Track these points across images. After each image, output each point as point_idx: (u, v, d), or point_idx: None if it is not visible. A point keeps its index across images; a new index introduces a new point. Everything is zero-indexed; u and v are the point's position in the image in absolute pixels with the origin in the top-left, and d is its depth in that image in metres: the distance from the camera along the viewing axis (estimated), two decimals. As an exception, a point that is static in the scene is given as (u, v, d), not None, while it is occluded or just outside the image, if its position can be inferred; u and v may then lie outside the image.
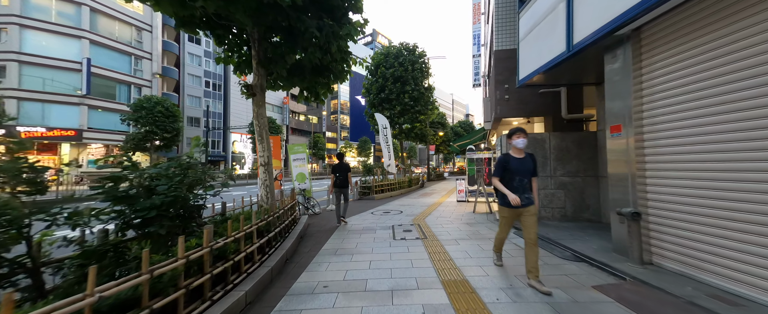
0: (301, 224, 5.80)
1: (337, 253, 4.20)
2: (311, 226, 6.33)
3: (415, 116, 16.72)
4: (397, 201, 10.51)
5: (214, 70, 34.61)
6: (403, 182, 14.39)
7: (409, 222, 6.48)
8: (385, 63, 16.37)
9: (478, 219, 6.60)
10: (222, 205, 4.47)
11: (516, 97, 6.89)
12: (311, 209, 7.81)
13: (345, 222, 6.41)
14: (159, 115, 21.52)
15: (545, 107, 6.71)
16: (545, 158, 5.83)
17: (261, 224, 3.79)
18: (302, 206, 7.70)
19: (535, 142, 5.90)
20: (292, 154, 8.22)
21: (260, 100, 5.83)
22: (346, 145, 52.99)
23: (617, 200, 3.52)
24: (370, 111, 17.59)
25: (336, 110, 60.96)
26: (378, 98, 16.51)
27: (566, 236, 4.57)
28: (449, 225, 6.01)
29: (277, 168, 6.66)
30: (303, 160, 8.31)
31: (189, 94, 31.67)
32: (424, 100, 16.93)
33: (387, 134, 13.40)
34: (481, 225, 5.83)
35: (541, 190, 5.81)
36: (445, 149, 32.34)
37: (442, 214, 7.39)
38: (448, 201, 10.38)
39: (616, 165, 3.56)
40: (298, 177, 8.20)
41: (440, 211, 7.93)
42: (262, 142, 5.84)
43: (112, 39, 24.02)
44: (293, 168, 8.19)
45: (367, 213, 8.00)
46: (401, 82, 16.08)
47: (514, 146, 3.03)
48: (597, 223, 5.44)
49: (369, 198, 11.49)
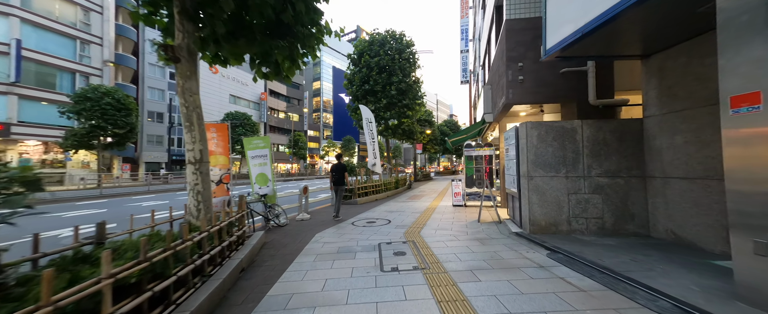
0: (249, 246, 4.09)
1: (290, 307, 2.57)
2: (269, 246, 4.62)
3: (403, 111, 15.24)
4: (384, 206, 8.96)
5: (181, 60, 31.38)
6: (389, 183, 12.87)
7: (401, 237, 4.95)
8: (370, 51, 14.77)
9: (488, 231, 5.18)
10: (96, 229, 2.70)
11: (532, 79, 5.55)
12: (273, 220, 6.08)
13: (336, 217, 6.89)
14: (108, 108, 18.64)
15: (568, 91, 5.42)
16: (576, 153, 4.50)
17: (155, 259, 2.10)
18: (263, 217, 5.96)
19: (564, 133, 4.56)
20: (250, 148, 6.45)
21: (187, 69, 4.07)
22: (329, 143, 50.79)
23: (748, 215, 2.15)
24: (352, 104, 15.92)
25: (318, 108, 58.48)
26: (362, 90, 14.87)
27: (628, 263, 3.21)
28: (454, 242, 4.53)
29: (222, 166, 4.89)
30: (265, 158, 6.56)
31: (150, 87, 28.41)
32: (412, 93, 15.49)
33: (372, 129, 11.81)
34: (497, 243, 4.40)
35: (572, 195, 4.47)
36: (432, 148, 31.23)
37: (440, 225, 5.92)
38: (443, 205, 8.96)
39: (744, 160, 2.19)
40: (258, 179, 6.44)
41: (437, 220, 6.46)
42: (192, 129, 4.09)
43: (51, 19, 20.67)
44: (252, 167, 6.42)
45: (347, 223, 6.38)
46: (387, 72, 14.54)
47: None
48: (646, 238, 4.17)
49: (351, 202, 9.85)
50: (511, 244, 4.27)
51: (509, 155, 5.72)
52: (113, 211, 9.15)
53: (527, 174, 4.64)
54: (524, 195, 4.70)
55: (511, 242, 4.40)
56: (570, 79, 5.37)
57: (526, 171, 4.65)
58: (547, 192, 4.55)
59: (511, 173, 5.57)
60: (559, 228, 4.49)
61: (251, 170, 6.45)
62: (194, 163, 4.07)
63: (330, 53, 61.53)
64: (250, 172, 6.44)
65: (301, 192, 7.84)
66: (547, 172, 4.56)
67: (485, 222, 6.02)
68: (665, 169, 3.96)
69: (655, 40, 3.81)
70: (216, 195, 4.80)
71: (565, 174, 4.51)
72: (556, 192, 4.52)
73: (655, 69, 4.11)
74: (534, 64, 5.53)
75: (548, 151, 4.59)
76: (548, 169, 4.56)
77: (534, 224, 4.55)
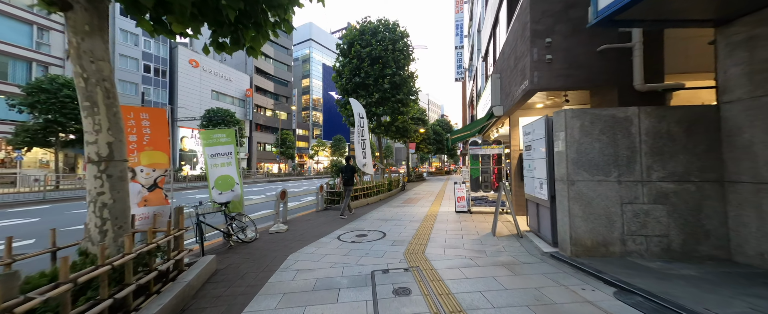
0: (183, 283, 2.80)
1: None
2: (221, 277, 3.33)
3: (396, 106, 14.06)
4: (376, 213, 7.75)
5: (157, 52, 29.23)
6: (381, 185, 11.67)
7: (401, 261, 3.75)
8: (360, 40, 13.52)
9: (511, 250, 4.06)
10: None
11: (562, 59, 4.46)
12: (235, 235, 4.77)
13: (343, 215, 7.08)
14: (67, 100, 16.63)
15: (607, 73, 4.37)
16: (632, 150, 3.43)
17: None
18: (223, 233, 4.63)
19: (615, 124, 3.48)
20: (208, 145, 5.10)
21: (85, 21, 2.75)
22: (319, 143, 49.11)
23: None
24: (342, 99, 14.62)
25: (308, 106, 56.63)
26: (352, 83, 13.60)
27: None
28: (473, 269, 3.37)
29: (159, 166, 3.56)
30: (229, 156, 5.23)
31: (121, 79, 26.16)
32: (406, 87, 14.33)
33: (363, 125, 10.58)
34: (532, 271, 3.27)
35: (626, 205, 3.39)
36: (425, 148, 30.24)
37: (448, 240, 4.75)
38: (444, 212, 7.83)
39: None
40: (218, 183, 5.10)
41: (442, 233, 5.30)
42: (95, 113, 2.79)
43: (2, 1, 18.41)
44: (210, 168, 5.08)
45: (332, 236, 5.14)
46: (380, 63, 13.32)
47: None
48: (729, 264, 3.13)
49: (338, 208, 8.58)
50: (554, 274, 3.14)
51: (532, 153, 4.62)
52: (48, 221, 7.56)
53: (566, 178, 3.53)
54: (562, 204, 3.60)
55: (550, 270, 3.27)
56: (610, 58, 4.31)
57: (566, 173, 3.54)
58: (593, 201, 3.46)
59: (536, 175, 4.47)
60: (609, 248, 3.40)
61: (209, 172, 5.11)
62: (97, 163, 2.76)
63: (320, 50, 59.81)
64: (208, 174, 5.10)
65: (277, 198, 6.54)
66: (594, 175, 3.47)
67: (502, 236, 4.90)
68: (759, 172, 2.93)
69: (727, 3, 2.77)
70: (148, 203, 3.47)
71: (616, 178, 3.43)
72: (606, 201, 3.43)
73: (741, 38, 3.08)
74: (565, 40, 4.46)
75: (595, 148, 3.50)
76: (595, 171, 3.47)
77: (577, 243, 3.45)
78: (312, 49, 58.22)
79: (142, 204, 3.43)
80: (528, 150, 4.90)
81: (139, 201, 3.43)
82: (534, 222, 4.80)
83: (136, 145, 3.39)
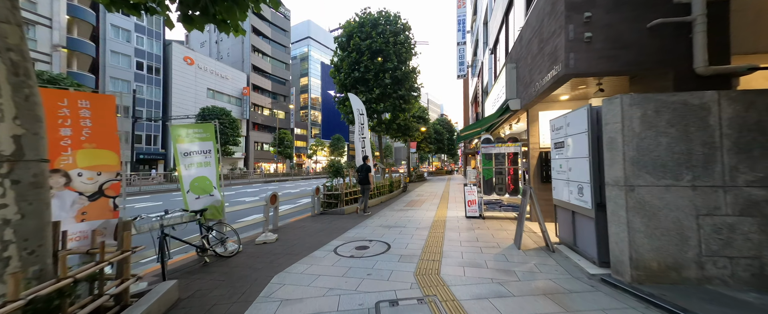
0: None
1: None
2: (187, 307, 2.55)
3: (398, 103, 13.29)
4: (378, 218, 6.98)
5: (150, 49, 28.36)
6: (382, 186, 10.91)
7: (412, 286, 2.99)
8: (360, 33, 12.73)
9: (548, 271, 3.30)
10: None
11: (605, 38, 3.70)
12: (212, 249, 4.00)
13: (361, 212, 7.45)
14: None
15: (661, 54, 3.61)
16: (710, 147, 2.68)
17: None
18: (195, 247, 3.86)
19: (687, 113, 2.72)
20: (180, 142, 4.32)
21: None
22: (318, 142, 48.31)
23: None
24: (340, 96, 13.84)
25: (306, 105, 55.81)
26: (351, 78, 12.81)
27: None
28: (506, 301, 2.61)
29: (107, 168, 2.79)
30: (206, 155, 4.45)
31: (112, 77, 25.30)
32: (408, 83, 13.56)
33: (363, 122, 9.82)
34: (584, 303, 2.51)
35: (704, 217, 2.64)
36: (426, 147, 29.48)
37: (465, 255, 3.99)
38: (454, 217, 7.07)
39: None
40: (194, 187, 4.32)
41: (456, 244, 4.53)
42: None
43: (-17, -8, 17.52)
44: (183, 169, 4.30)
45: (328, 249, 4.36)
46: (381, 57, 12.54)
47: None
48: None
49: (336, 212, 7.82)
50: (618, 311, 2.38)
51: (566, 151, 3.87)
52: None
53: (624, 182, 2.77)
54: (617, 215, 2.84)
55: (610, 303, 2.50)
56: (663, 36, 3.56)
57: (622, 176, 2.78)
58: (659, 212, 2.70)
59: (572, 178, 3.71)
60: (682, 273, 2.65)
61: (182, 174, 4.32)
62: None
63: (318, 48, 59.00)
64: (181, 176, 4.31)
65: (267, 203, 5.78)
66: (659, 179, 2.72)
67: (529, 250, 4.14)
68: None
69: None
70: (87, 217, 2.70)
71: (690, 183, 2.68)
72: (676, 212, 2.68)
73: None
74: (607, 15, 3.69)
75: (661, 144, 2.74)
76: (661, 174, 2.72)
77: (639, 266, 2.70)
78: (310, 48, 57.39)
79: (80, 219, 2.66)
80: (558, 148, 4.15)
81: (75, 215, 2.65)
82: (566, 233, 4.04)
83: (71, 140, 2.61)
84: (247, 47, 39.94)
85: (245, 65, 40.11)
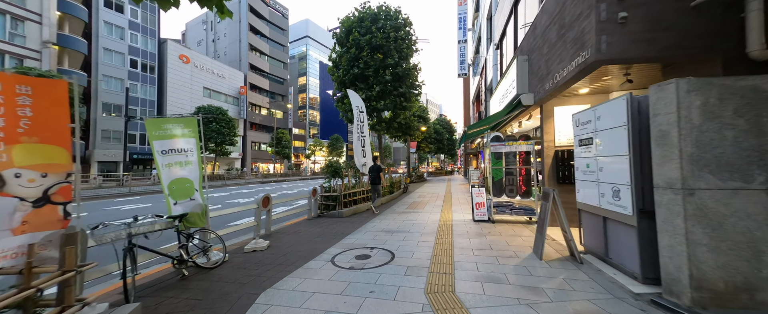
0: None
1: None
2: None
3: (398, 101, 12.80)
4: (379, 221, 6.49)
5: (145, 46, 27.76)
6: (383, 188, 10.41)
7: (423, 308, 2.50)
8: (359, 27, 12.24)
9: (583, 288, 2.81)
10: None
11: (641, 17, 3.23)
12: (191, 261, 3.49)
13: (374, 212, 7.62)
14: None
15: (708, 37, 3.14)
16: (787, 142, 2.20)
17: None
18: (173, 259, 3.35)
19: (757, 100, 2.26)
20: (158, 137, 3.81)
21: None
22: (316, 142, 47.75)
23: None
24: (339, 93, 13.34)
25: (304, 105, 55.25)
26: (350, 74, 12.31)
27: None
28: (543, 328, 2.13)
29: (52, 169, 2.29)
30: (187, 154, 3.95)
31: (105, 75, 24.68)
32: (409, 80, 13.08)
33: (363, 120, 9.34)
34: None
35: (781, 227, 2.16)
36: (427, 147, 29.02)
37: (481, 266, 3.50)
38: (460, 220, 6.59)
39: None
40: (174, 190, 3.81)
41: (467, 253, 4.04)
42: None
43: (-31, -14, 16.95)
44: (162, 168, 3.79)
45: (325, 258, 3.86)
46: (381, 53, 12.06)
47: None
48: None
49: (335, 214, 7.33)
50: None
51: (597, 148, 3.40)
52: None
53: (681, 184, 2.30)
54: (671, 224, 2.36)
55: (671, 333, 2.03)
56: (710, 16, 3.10)
57: (679, 177, 2.31)
58: (726, 220, 2.23)
59: (604, 180, 3.24)
60: (756, 296, 2.18)
61: (161, 173, 3.81)
62: None
63: (317, 48, 58.49)
64: (161, 176, 3.80)
65: (258, 206, 5.28)
66: (725, 180, 2.25)
67: (552, 260, 3.66)
68: None
69: None
70: (29, 228, 2.19)
71: (764, 185, 2.21)
72: (747, 221, 2.21)
73: None
74: (645, -8, 3.22)
75: (726, 138, 2.27)
76: (728, 174, 2.25)
77: (701, 286, 2.22)
78: (309, 47, 56.87)
79: (20, 231, 2.15)
80: (585, 144, 3.67)
81: (15, 226, 2.15)
82: (595, 242, 3.56)
83: (4, 134, 2.11)
84: (244, 46, 39.39)
85: (242, 64, 39.55)
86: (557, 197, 3.59)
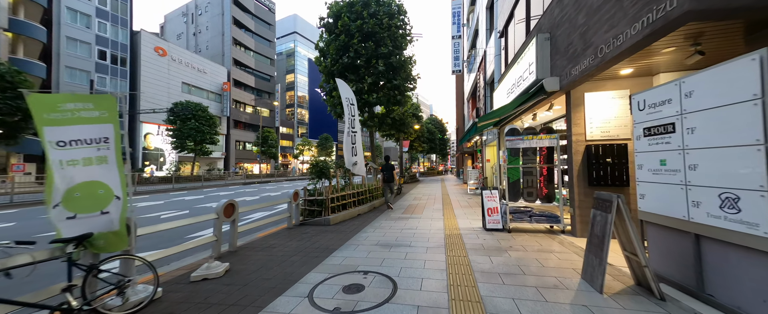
0: None
1: None
2: None
3: (392, 94, 11.72)
4: (373, 231, 5.38)
5: (115, 37, 25.57)
6: (375, 189, 9.33)
7: None
8: (349, 13, 11.09)
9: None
10: None
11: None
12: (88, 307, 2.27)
13: (391, 208, 8.24)
14: (-21, 85, 13.28)
15: None
16: None
17: None
18: (51, 310, 2.12)
19: None
20: (50, 123, 2.58)
21: None
22: (304, 141, 46.09)
23: None
24: (326, 86, 12.14)
25: (292, 103, 53.39)
26: (339, 64, 11.14)
27: None
28: None
29: None
30: (100, 146, 2.73)
31: (69, 66, 22.45)
32: (404, 71, 12.03)
33: (354, 113, 8.20)
34: None
35: None
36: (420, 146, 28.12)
37: (522, 307, 2.45)
38: (467, 228, 5.57)
39: None
40: (72, 199, 2.58)
41: (494, 278, 2.98)
42: None
43: None
44: (57, 169, 2.57)
45: (300, 292, 2.64)
46: (373, 41, 10.95)
47: None
48: None
49: (319, 223, 6.17)
50: None
51: (683, 137, 2.42)
52: None
53: None
54: None
55: None
56: None
57: None
58: None
59: (695, 182, 2.26)
60: None
61: (54, 175, 2.57)
62: None
63: (305, 44, 56.77)
64: (52, 180, 2.56)
65: (219, 217, 4.08)
66: None
67: (616, 293, 2.65)
68: None
69: None
70: None
71: None
72: None
73: None
74: None
75: None
76: None
77: None
78: (297, 43, 55.09)
79: None
80: (657, 134, 2.70)
81: None
82: (677, 267, 2.59)
83: None
84: (227, 40, 37.40)
85: (226, 59, 37.53)
86: (624, 206, 2.59)
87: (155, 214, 8.47)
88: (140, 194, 14.88)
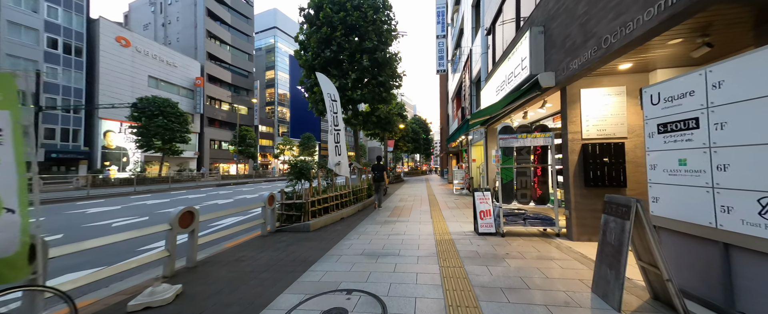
0: None
1: None
2: None
3: (377, 91, 11.25)
4: (357, 238, 4.87)
5: (68, 24, 23.10)
6: (359, 190, 8.84)
7: None
8: (332, 3, 10.48)
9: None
10: None
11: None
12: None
13: (378, 207, 8.32)
14: None
15: None
16: None
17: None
18: None
19: None
20: None
21: None
22: (285, 141, 44.46)
23: None
24: (307, 82, 11.44)
25: (272, 101, 51.38)
26: (321, 59, 10.49)
27: None
28: None
29: None
30: None
31: (11, 54, 19.94)
32: (390, 68, 11.59)
33: (336, 110, 7.64)
34: None
35: None
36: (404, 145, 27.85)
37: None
38: (458, 231, 5.22)
39: None
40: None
41: (495, 293, 2.59)
42: None
43: None
44: None
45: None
46: (358, 35, 10.41)
47: None
48: None
49: (298, 229, 5.58)
50: None
51: (709, 133, 2.15)
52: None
53: None
54: None
55: None
56: None
57: None
58: None
59: (724, 184, 1.99)
60: None
61: None
62: None
63: (286, 40, 54.90)
64: None
65: (172, 228, 3.42)
66: None
67: (635, 311, 2.35)
68: None
69: None
70: None
71: None
72: None
73: None
74: None
75: None
76: None
77: None
78: (277, 39, 53.11)
79: None
80: (676, 130, 2.43)
81: None
82: (698, 280, 2.33)
83: None
84: (201, 32, 35.17)
85: (199, 53, 35.27)
86: (644, 212, 2.28)
87: (106, 222, 7.43)
88: (94, 198, 13.34)
